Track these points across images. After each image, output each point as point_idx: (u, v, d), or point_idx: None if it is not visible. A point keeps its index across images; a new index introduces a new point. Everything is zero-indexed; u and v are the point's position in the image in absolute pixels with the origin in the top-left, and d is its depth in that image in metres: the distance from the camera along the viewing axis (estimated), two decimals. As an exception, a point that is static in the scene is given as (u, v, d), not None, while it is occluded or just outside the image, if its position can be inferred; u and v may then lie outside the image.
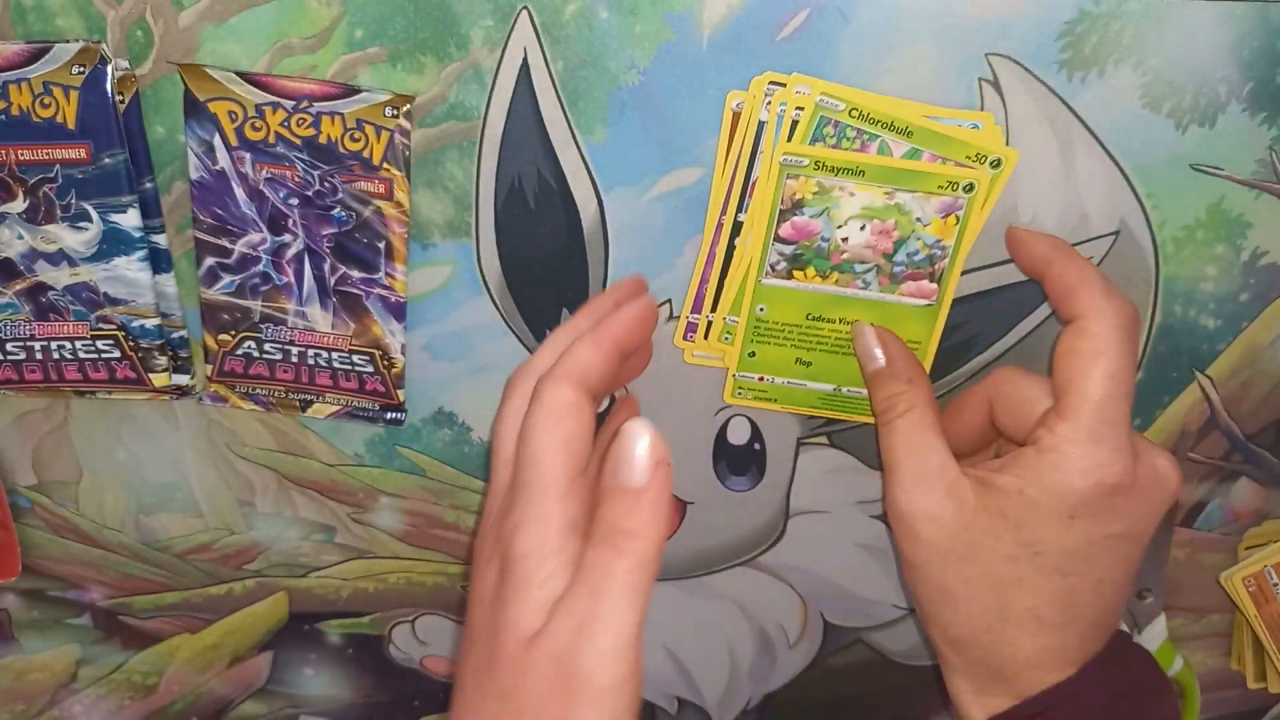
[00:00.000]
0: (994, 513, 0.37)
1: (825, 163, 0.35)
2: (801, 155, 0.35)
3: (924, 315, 0.40)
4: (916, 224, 0.37)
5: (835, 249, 0.37)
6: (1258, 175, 0.41)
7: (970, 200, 0.37)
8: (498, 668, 0.32)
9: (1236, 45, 0.38)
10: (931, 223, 0.37)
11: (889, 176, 0.36)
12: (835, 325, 0.40)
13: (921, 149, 0.36)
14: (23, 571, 0.50)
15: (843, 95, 0.34)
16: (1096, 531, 0.37)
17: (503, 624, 0.32)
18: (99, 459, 0.47)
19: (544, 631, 0.31)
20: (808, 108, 0.35)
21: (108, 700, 0.54)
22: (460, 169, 0.40)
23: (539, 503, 0.33)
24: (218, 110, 0.38)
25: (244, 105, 0.38)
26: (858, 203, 0.36)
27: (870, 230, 0.37)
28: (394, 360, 0.43)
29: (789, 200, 0.36)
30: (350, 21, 0.37)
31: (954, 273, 0.39)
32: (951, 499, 0.37)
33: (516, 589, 0.32)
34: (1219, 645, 0.54)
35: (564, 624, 0.31)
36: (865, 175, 0.36)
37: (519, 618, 0.32)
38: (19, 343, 0.43)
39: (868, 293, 0.39)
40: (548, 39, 0.38)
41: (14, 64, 0.37)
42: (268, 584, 0.51)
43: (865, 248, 0.37)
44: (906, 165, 0.36)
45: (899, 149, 0.36)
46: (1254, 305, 0.44)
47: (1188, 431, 0.47)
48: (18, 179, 0.39)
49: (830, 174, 0.35)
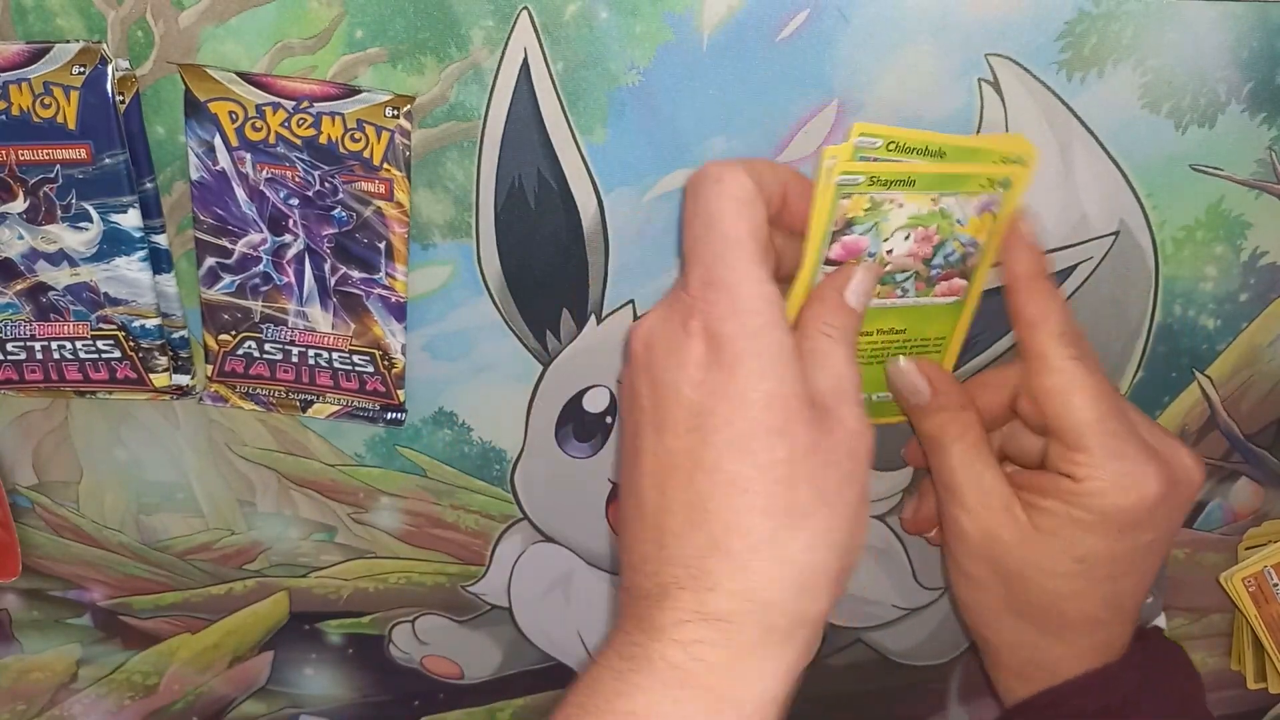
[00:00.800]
0: (1046, 533, 0.38)
1: (879, 177, 0.35)
2: (857, 173, 0.35)
3: (950, 311, 0.40)
4: (956, 225, 0.37)
5: (880, 262, 0.37)
6: (1257, 175, 0.41)
7: (1005, 196, 0.37)
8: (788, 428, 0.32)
9: (1236, 45, 0.38)
10: (970, 221, 0.38)
11: (937, 183, 0.36)
12: (871, 337, 0.40)
13: (956, 159, 0.36)
14: (23, 571, 0.50)
15: (880, 132, 0.35)
16: (1141, 539, 0.38)
17: (745, 385, 0.32)
18: (99, 459, 0.47)
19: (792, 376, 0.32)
20: (844, 152, 0.35)
21: (108, 700, 0.54)
22: (460, 169, 0.40)
23: (745, 266, 0.32)
24: (218, 110, 0.39)
25: (244, 106, 0.38)
26: (905, 213, 0.36)
27: (914, 238, 0.37)
28: (394, 360, 0.43)
29: (841, 220, 0.36)
30: (350, 22, 0.37)
31: (983, 268, 0.39)
32: (1010, 520, 0.39)
33: (755, 342, 0.32)
34: (1219, 645, 0.54)
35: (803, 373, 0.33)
36: (916, 185, 0.36)
37: (762, 370, 0.32)
38: (19, 343, 0.43)
39: (904, 299, 0.39)
40: (548, 39, 0.38)
41: (14, 64, 0.37)
42: (268, 584, 0.51)
43: (908, 256, 0.37)
44: (953, 169, 0.36)
45: (935, 165, 0.37)
46: (1254, 305, 0.44)
47: (1188, 431, 0.47)
48: (18, 179, 0.39)
49: (883, 188, 0.35)
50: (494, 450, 0.47)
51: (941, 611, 0.52)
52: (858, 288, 0.36)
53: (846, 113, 0.39)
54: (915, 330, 0.40)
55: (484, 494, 0.48)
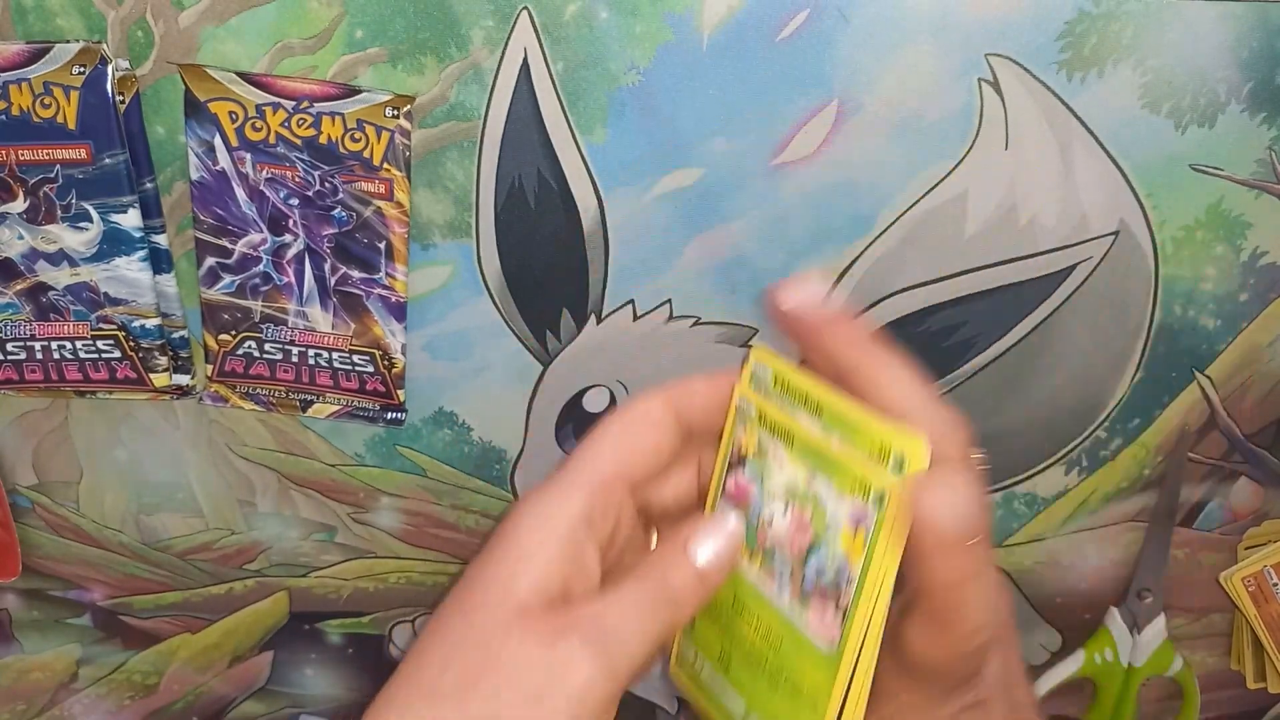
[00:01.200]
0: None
1: (767, 416, 0.31)
2: (751, 401, 0.31)
3: (825, 663, 0.29)
4: (828, 529, 0.29)
5: (762, 527, 0.31)
6: (1257, 175, 0.41)
7: (879, 519, 0.27)
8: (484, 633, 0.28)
9: (1236, 45, 0.38)
10: (841, 532, 0.29)
11: (811, 453, 0.29)
12: (752, 629, 0.32)
13: (832, 429, 0.29)
14: (23, 571, 0.50)
15: (773, 364, 0.31)
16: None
17: (494, 589, 0.29)
18: (99, 459, 0.47)
19: (548, 615, 0.28)
20: (746, 373, 0.31)
21: (108, 700, 0.54)
22: (460, 169, 0.40)
23: (558, 501, 0.30)
24: (218, 110, 0.39)
25: (244, 106, 0.38)
26: (784, 478, 0.30)
27: (790, 516, 0.30)
28: (394, 360, 0.43)
29: (736, 453, 0.32)
30: (350, 22, 0.37)
31: (856, 619, 0.28)
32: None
33: (517, 562, 0.29)
34: (1219, 645, 0.54)
35: (567, 622, 0.28)
36: (794, 444, 0.30)
37: (511, 590, 0.28)
38: (19, 343, 0.43)
39: (780, 602, 0.31)
40: (548, 39, 0.38)
41: (14, 64, 0.37)
42: (268, 584, 0.51)
43: (785, 537, 0.31)
44: (824, 445, 0.29)
45: (812, 428, 0.30)
46: (1254, 305, 0.44)
47: (1188, 431, 0.47)
48: (18, 179, 0.39)
49: (769, 431, 0.31)
50: (494, 450, 0.47)
51: (941, 611, 0.52)
52: (703, 542, 0.30)
53: (846, 113, 0.39)
54: (788, 661, 0.30)
55: (484, 494, 0.48)
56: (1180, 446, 0.47)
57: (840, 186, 0.41)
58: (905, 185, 0.41)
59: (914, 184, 0.41)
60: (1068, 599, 0.52)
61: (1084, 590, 0.51)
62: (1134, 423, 0.47)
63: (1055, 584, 0.51)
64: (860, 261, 0.42)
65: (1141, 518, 0.49)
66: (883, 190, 0.41)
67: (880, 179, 0.41)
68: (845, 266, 0.43)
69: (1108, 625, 0.51)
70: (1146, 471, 0.48)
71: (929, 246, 0.42)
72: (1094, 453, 0.47)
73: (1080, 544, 0.50)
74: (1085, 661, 0.52)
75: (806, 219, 0.42)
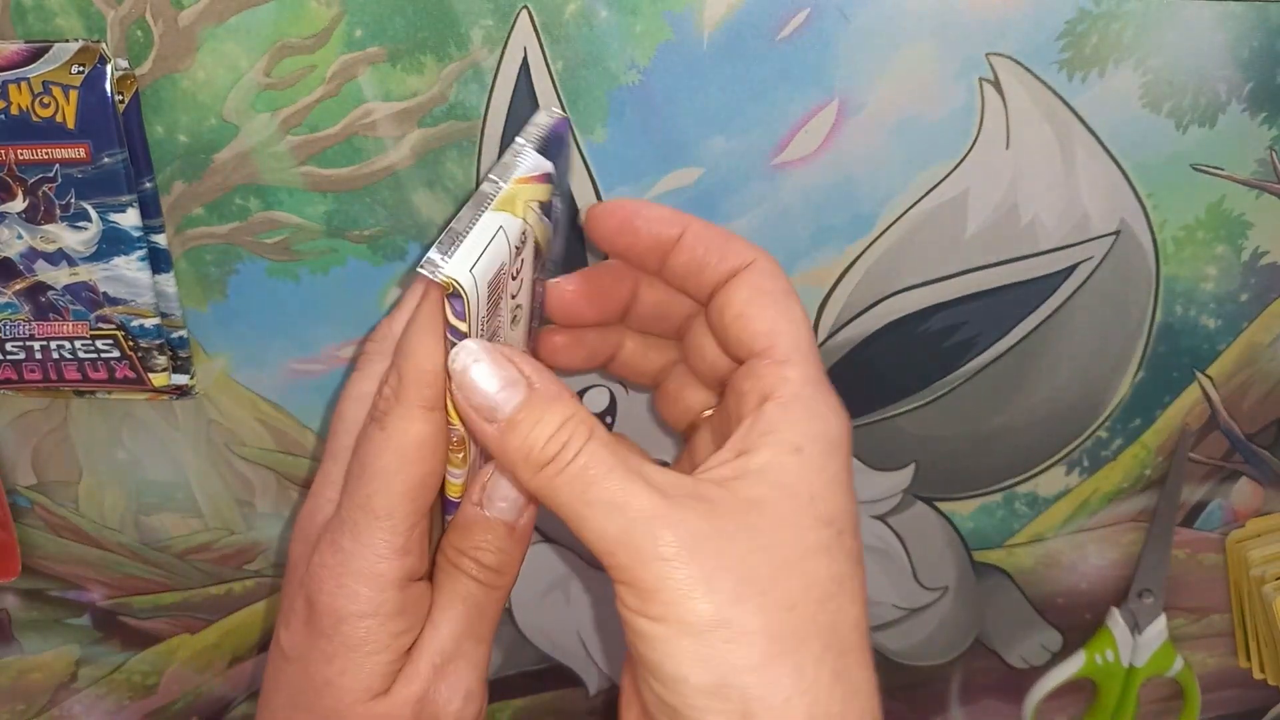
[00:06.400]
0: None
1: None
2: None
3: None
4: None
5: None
6: (1258, 175, 0.41)
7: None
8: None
9: (1236, 45, 0.38)
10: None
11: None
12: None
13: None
14: (23, 571, 0.50)
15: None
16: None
17: (338, 687, 0.29)
18: (99, 459, 0.47)
19: (400, 681, 0.29)
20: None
21: (108, 700, 0.54)
22: (460, 169, 0.40)
23: (372, 559, 0.28)
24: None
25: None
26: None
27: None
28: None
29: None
30: (350, 21, 0.37)
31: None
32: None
33: (351, 655, 0.29)
34: (1219, 645, 0.54)
35: (423, 669, 0.29)
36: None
37: (356, 685, 0.29)
38: (18, 342, 0.43)
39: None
40: (548, 39, 0.38)
41: (14, 63, 0.37)
42: (267, 584, 0.51)
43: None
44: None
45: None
46: (1254, 305, 0.44)
47: (1188, 431, 0.47)
48: (17, 178, 0.39)
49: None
50: (494, 450, 0.47)
51: (942, 612, 0.52)
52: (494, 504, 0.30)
53: (847, 112, 0.39)
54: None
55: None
56: (1181, 446, 0.47)
57: (840, 186, 0.41)
58: (905, 185, 0.41)
59: (914, 184, 0.41)
60: (1068, 599, 0.52)
61: (1085, 590, 0.51)
62: (1135, 423, 0.47)
63: (1056, 584, 0.51)
64: (860, 261, 0.42)
65: (1142, 518, 0.49)
66: (883, 190, 0.41)
67: (880, 179, 0.41)
68: (845, 266, 0.43)
69: (1108, 626, 0.51)
70: (1147, 471, 0.48)
71: (929, 246, 0.42)
72: (1095, 453, 0.47)
73: (1081, 544, 0.50)
74: (1086, 662, 0.52)
75: (806, 219, 0.41)
